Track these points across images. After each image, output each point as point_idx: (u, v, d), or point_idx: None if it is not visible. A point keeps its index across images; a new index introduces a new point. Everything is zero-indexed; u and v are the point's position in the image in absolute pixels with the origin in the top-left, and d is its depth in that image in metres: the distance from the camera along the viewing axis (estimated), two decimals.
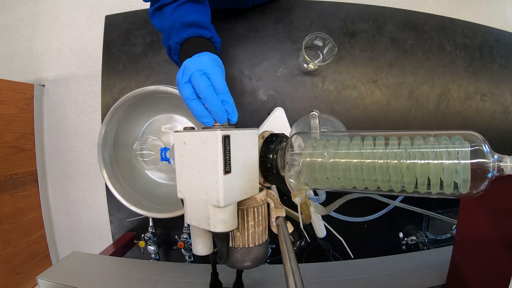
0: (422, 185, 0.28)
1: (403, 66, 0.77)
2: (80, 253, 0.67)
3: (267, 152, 0.37)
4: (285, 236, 0.32)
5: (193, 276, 0.58)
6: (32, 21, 1.65)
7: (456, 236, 0.46)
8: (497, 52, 0.80)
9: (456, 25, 0.80)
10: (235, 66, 0.78)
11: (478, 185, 0.26)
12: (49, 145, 1.63)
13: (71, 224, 1.65)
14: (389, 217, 0.72)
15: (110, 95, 0.82)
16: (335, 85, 0.77)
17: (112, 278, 0.58)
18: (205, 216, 0.32)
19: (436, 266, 0.55)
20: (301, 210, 0.36)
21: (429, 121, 0.78)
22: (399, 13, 0.78)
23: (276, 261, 0.73)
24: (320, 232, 0.66)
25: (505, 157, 0.26)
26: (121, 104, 0.60)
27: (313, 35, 0.67)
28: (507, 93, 0.80)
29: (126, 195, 0.63)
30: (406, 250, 0.75)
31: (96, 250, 0.73)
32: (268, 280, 0.55)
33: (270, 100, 0.77)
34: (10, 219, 1.37)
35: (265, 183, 0.39)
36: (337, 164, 0.32)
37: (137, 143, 0.67)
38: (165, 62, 0.80)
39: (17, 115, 1.44)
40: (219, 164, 0.29)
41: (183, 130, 0.35)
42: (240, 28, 0.78)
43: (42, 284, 0.55)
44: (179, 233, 0.77)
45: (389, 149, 0.29)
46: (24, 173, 1.47)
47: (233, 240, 0.35)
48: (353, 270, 0.59)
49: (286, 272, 0.27)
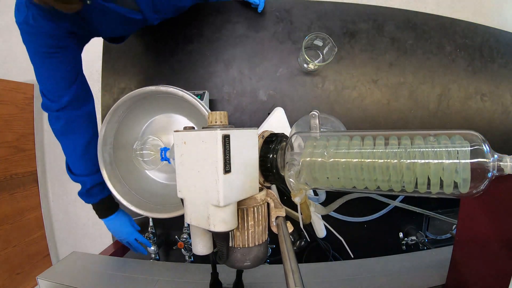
0: (422, 185, 0.28)
1: (403, 66, 0.77)
2: (80, 253, 0.67)
3: (267, 152, 0.37)
4: (285, 236, 0.32)
5: (193, 276, 0.58)
6: None
7: (456, 236, 0.46)
8: (497, 52, 0.80)
9: (456, 25, 0.80)
10: (235, 66, 0.78)
11: (478, 184, 0.26)
12: (49, 145, 1.63)
13: (71, 224, 1.65)
14: (389, 217, 0.73)
15: (110, 95, 0.82)
16: (335, 85, 0.77)
17: (112, 278, 0.58)
18: (205, 216, 0.32)
19: (436, 266, 0.55)
20: (301, 210, 0.36)
21: (429, 121, 0.78)
22: (399, 13, 0.78)
23: (276, 261, 0.73)
24: (320, 232, 0.66)
25: (505, 156, 0.26)
26: (121, 104, 0.60)
27: (313, 35, 0.67)
28: (507, 93, 0.80)
29: (126, 195, 0.63)
30: (406, 250, 0.75)
31: (96, 250, 0.73)
32: (268, 280, 0.55)
33: (270, 100, 0.77)
34: (10, 219, 1.37)
35: (265, 183, 0.39)
36: (337, 164, 0.32)
37: (137, 143, 0.67)
38: (165, 62, 0.80)
39: (17, 115, 1.44)
40: (219, 163, 0.29)
41: (183, 130, 0.35)
42: (240, 28, 0.78)
43: (42, 284, 0.55)
44: (179, 233, 0.77)
45: (389, 149, 0.29)
46: (24, 173, 1.47)
47: (233, 240, 0.35)
48: (353, 270, 0.59)
49: (286, 272, 0.27)
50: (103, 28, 0.57)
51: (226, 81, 0.78)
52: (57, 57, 0.52)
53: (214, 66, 0.78)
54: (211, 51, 0.78)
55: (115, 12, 0.51)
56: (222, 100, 0.78)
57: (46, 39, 0.50)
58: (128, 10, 0.53)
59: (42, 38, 0.49)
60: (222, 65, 0.78)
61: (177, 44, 0.79)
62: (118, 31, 0.61)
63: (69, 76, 0.56)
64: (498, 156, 0.26)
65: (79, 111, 0.59)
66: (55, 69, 0.53)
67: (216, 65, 0.78)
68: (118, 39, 0.67)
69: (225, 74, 0.78)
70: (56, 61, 0.53)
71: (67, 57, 0.54)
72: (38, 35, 0.49)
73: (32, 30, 0.48)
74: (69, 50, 0.54)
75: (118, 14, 0.52)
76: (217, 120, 0.33)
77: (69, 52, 0.54)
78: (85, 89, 0.61)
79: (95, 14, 0.51)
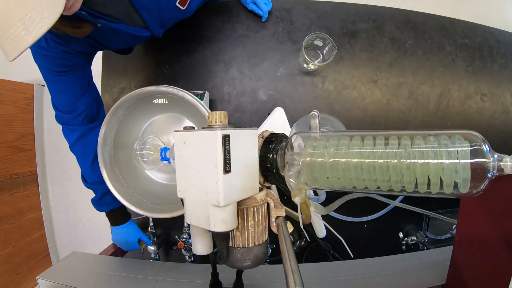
0: (422, 185, 0.28)
1: (403, 66, 0.77)
2: (80, 253, 0.67)
3: (267, 152, 0.37)
4: (285, 236, 0.32)
5: (193, 276, 0.58)
6: None
7: (456, 236, 0.46)
8: (497, 52, 0.80)
9: (456, 25, 0.80)
10: (235, 66, 0.78)
11: (478, 184, 0.26)
12: (49, 145, 1.63)
13: (71, 224, 1.65)
14: (389, 217, 0.73)
15: (110, 95, 0.82)
16: (335, 85, 0.77)
17: (112, 278, 0.58)
18: (205, 216, 0.32)
19: (436, 266, 0.55)
20: (301, 210, 0.36)
21: (429, 121, 0.78)
22: (399, 13, 0.78)
23: (276, 261, 0.73)
24: (320, 232, 0.66)
25: (505, 156, 0.26)
26: (121, 104, 0.60)
27: (313, 35, 0.67)
28: (507, 93, 0.80)
29: (126, 195, 0.63)
30: (406, 250, 0.75)
31: (96, 250, 0.73)
32: (268, 280, 0.55)
33: (270, 100, 0.77)
34: (10, 219, 1.37)
35: (265, 183, 0.39)
36: (337, 164, 0.32)
37: (137, 143, 0.67)
38: (165, 62, 0.80)
39: (17, 115, 1.44)
40: (219, 163, 0.29)
41: (183, 130, 0.35)
42: (240, 28, 0.78)
43: (42, 284, 0.55)
44: (179, 233, 0.77)
45: (389, 149, 0.29)
46: (24, 173, 1.47)
47: (233, 240, 0.35)
48: (353, 270, 0.59)
49: (286, 272, 0.27)
50: (112, 44, 0.59)
51: (226, 81, 0.78)
52: (68, 75, 0.55)
53: (214, 66, 0.78)
54: (211, 51, 0.78)
55: (124, 31, 0.52)
56: (222, 100, 0.78)
57: (58, 59, 0.52)
58: (137, 28, 0.54)
59: (54, 59, 0.52)
60: (222, 65, 0.78)
61: (177, 44, 0.79)
62: (125, 44, 0.63)
63: (81, 90, 0.58)
64: (498, 156, 0.26)
65: (92, 123, 0.62)
66: (67, 85, 0.56)
67: (216, 65, 0.78)
68: (126, 50, 0.68)
69: (225, 74, 0.78)
70: (66, 78, 0.55)
71: (78, 73, 0.56)
72: (50, 56, 0.51)
73: (44, 52, 0.50)
74: (79, 67, 0.56)
75: (127, 33, 0.53)
76: (217, 120, 0.33)
77: (79, 69, 0.56)
78: (96, 98, 0.63)
79: (105, 34, 0.52)
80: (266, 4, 0.75)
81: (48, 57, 0.51)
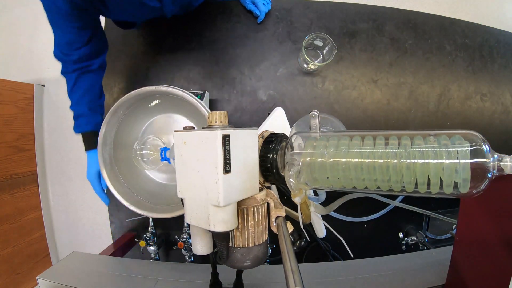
0: (422, 185, 0.28)
1: (403, 66, 0.77)
2: (80, 253, 0.67)
3: (267, 152, 0.37)
4: (285, 236, 0.32)
5: (193, 276, 0.58)
6: (32, 21, 1.65)
7: (456, 236, 0.46)
8: (497, 52, 0.80)
9: (456, 25, 0.80)
10: (235, 66, 0.78)
11: (478, 184, 0.26)
12: (49, 145, 1.63)
13: (71, 224, 1.65)
14: (389, 217, 0.73)
15: (110, 95, 0.82)
16: (335, 85, 0.77)
17: (112, 278, 0.58)
18: (205, 216, 0.32)
19: (436, 266, 0.55)
20: (301, 210, 0.36)
21: (429, 121, 0.78)
22: (399, 13, 0.78)
23: (276, 261, 0.73)
24: (320, 232, 0.66)
25: (505, 156, 0.26)
26: (121, 104, 0.60)
27: (313, 35, 0.67)
28: (507, 93, 0.80)
29: (126, 195, 0.63)
30: (406, 250, 0.75)
31: (96, 250, 0.73)
32: (268, 280, 0.55)
33: (270, 100, 0.77)
34: (10, 219, 1.37)
35: (265, 183, 0.39)
36: (337, 164, 0.32)
37: (137, 143, 0.67)
38: (165, 62, 0.80)
39: (17, 115, 1.44)
40: (219, 163, 0.29)
41: (183, 130, 0.35)
42: (240, 28, 0.78)
43: (42, 284, 0.55)
44: (179, 233, 0.77)
45: (389, 149, 0.29)
46: (24, 173, 1.47)
47: (233, 240, 0.35)
48: (353, 270, 0.59)
49: (286, 272, 0.27)
50: (117, 9, 0.57)
51: (226, 81, 0.78)
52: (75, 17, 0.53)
53: (214, 66, 0.78)
54: (211, 51, 0.78)
55: None
56: (222, 100, 0.78)
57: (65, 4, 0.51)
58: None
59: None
60: (222, 65, 0.78)
61: (177, 44, 0.79)
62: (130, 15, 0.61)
63: (86, 35, 0.57)
64: (498, 156, 0.26)
65: (93, 61, 0.61)
66: (72, 29, 0.55)
67: (216, 65, 0.78)
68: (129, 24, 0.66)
69: (225, 74, 0.78)
70: (73, 21, 0.54)
71: (85, 18, 0.55)
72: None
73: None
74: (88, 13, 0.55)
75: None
76: (217, 120, 0.33)
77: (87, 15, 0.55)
78: (100, 44, 0.62)
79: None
80: (265, 5, 0.75)
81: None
